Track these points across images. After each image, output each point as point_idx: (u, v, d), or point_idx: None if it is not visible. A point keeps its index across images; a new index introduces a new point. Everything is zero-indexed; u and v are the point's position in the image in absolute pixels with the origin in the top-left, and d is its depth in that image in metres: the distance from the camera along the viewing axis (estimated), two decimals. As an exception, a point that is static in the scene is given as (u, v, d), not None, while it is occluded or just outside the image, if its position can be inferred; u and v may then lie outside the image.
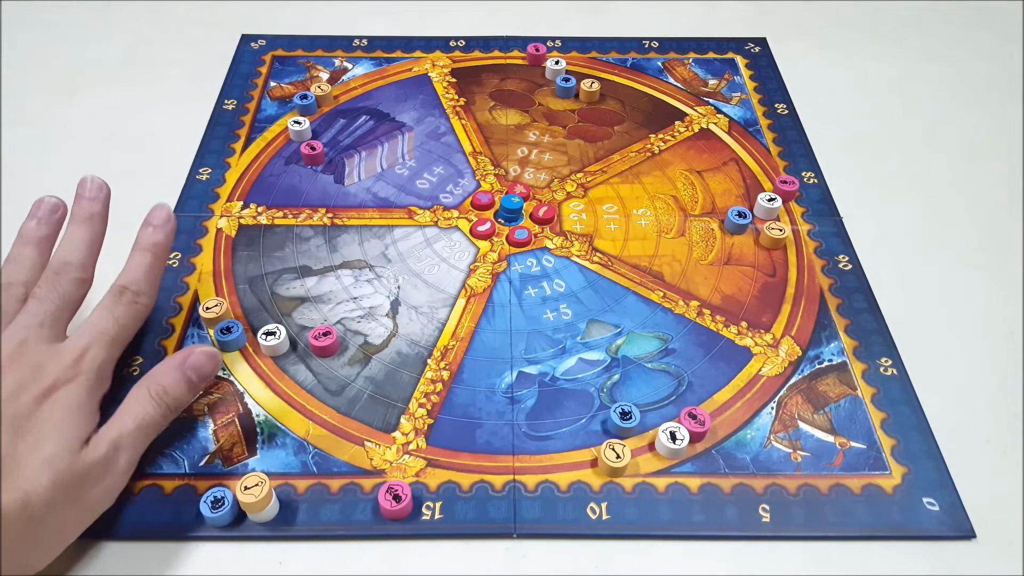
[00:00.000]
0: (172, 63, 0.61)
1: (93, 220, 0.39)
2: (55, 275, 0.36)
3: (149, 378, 0.35)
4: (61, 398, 0.32)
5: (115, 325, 0.36)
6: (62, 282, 0.36)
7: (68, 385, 0.33)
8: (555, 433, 0.39)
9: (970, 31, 0.65)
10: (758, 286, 0.46)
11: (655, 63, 0.61)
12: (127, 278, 0.37)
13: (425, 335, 0.43)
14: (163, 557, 0.34)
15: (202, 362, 0.36)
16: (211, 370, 0.37)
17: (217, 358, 0.37)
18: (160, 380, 0.35)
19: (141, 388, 0.35)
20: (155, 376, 0.35)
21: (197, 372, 0.36)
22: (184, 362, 0.36)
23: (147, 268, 0.38)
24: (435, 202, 0.50)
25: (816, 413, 0.40)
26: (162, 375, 0.35)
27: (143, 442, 0.34)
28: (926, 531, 0.35)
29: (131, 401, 0.34)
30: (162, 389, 0.35)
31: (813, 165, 0.53)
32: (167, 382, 0.35)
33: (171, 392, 0.35)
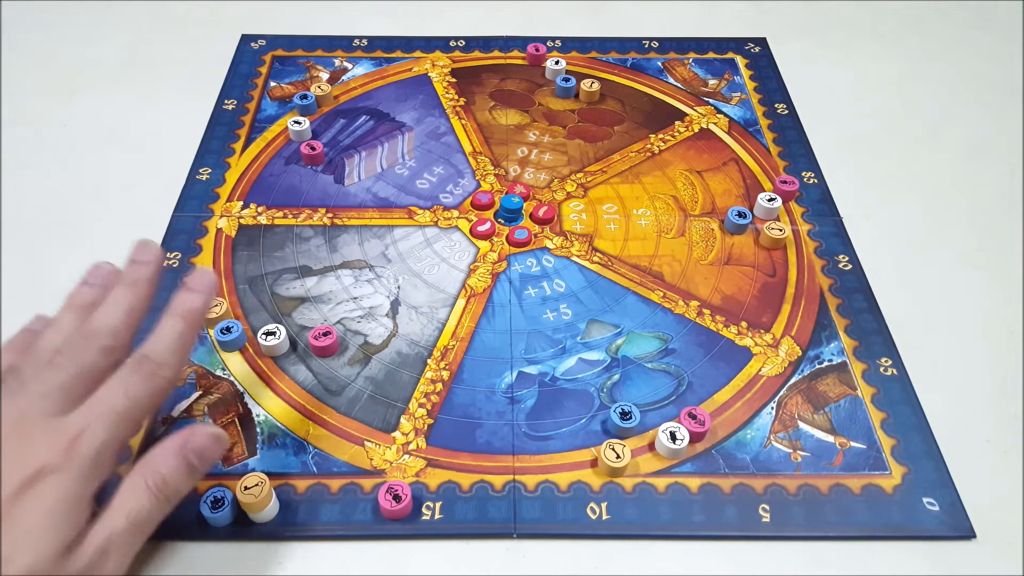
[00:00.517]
0: (172, 63, 0.61)
1: (138, 285, 0.33)
2: (81, 340, 0.32)
3: (145, 465, 0.31)
4: (45, 492, 0.28)
5: (125, 400, 0.30)
6: (86, 349, 0.31)
7: (55, 475, 0.28)
8: (555, 433, 0.39)
9: (970, 31, 0.65)
10: (758, 286, 0.46)
11: (655, 63, 0.61)
12: (151, 346, 0.32)
13: (425, 335, 0.43)
14: (163, 557, 0.34)
15: (206, 445, 0.32)
16: (216, 454, 0.32)
17: (223, 441, 0.33)
18: (158, 468, 0.30)
19: (136, 478, 0.30)
20: (152, 463, 0.31)
21: (200, 457, 0.32)
22: (185, 445, 0.31)
23: (176, 337, 0.32)
24: (435, 202, 0.50)
25: (816, 413, 0.40)
26: (160, 462, 0.31)
27: (137, 541, 0.30)
28: (926, 531, 0.35)
29: (124, 493, 0.30)
30: (160, 479, 0.30)
31: (813, 165, 0.53)
32: (166, 470, 0.30)
33: (170, 482, 0.30)
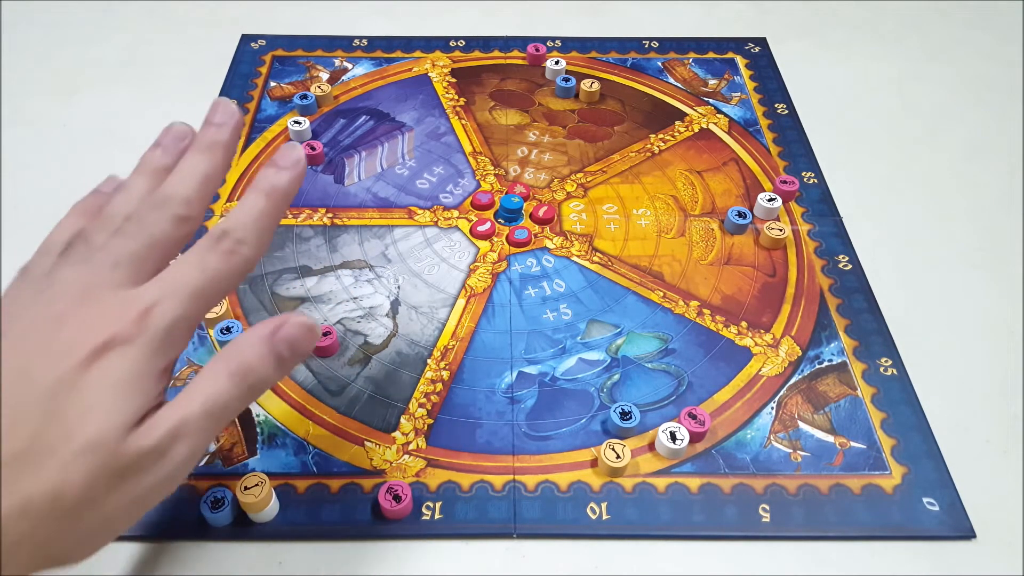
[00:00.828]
0: (172, 63, 0.61)
1: (214, 150, 0.31)
2: (152, 209, 0.29)
3: (229, 351, 0.28)
4: (114, 363, 0.25)
5: (202, 276, 0.27)
6: (158, 218, 0.28)
7: (124, 347, 0.25)
8: (555, 433, 0.39)
9: (970, 31, 0.65)
10: (758, 286, 0.46)
11: (655, 63, 0.61)
12: (231, 221, 0.29)
13: (425, 335, 0.43)
14: (163, 557, 0.34)
15: (297, 336, 0.28)
16: (308, 346, 0.29)
17: (316, 332, 0.29)
18: (243, 355, 0.27)
19: (218, 363, 0.27)
20: (237, 349, 0.28)
21: (291, 347, 0.28)
22: (275, 333, 0.28)
23: (259, 214, 0.29)
24: (435, 202, 0.50)
25: (816, 413, 0.40)
26: (246, 349, 0.27)
27: (212, 431, 0.27)
28: (926, 531, 0.35)
29: (203, 378, 0.27)
30: (244, 366, 0.27)
31: (813, 165, 0.53)
32: (251, 358, 0.27)
33: (255, 371, 0.27)
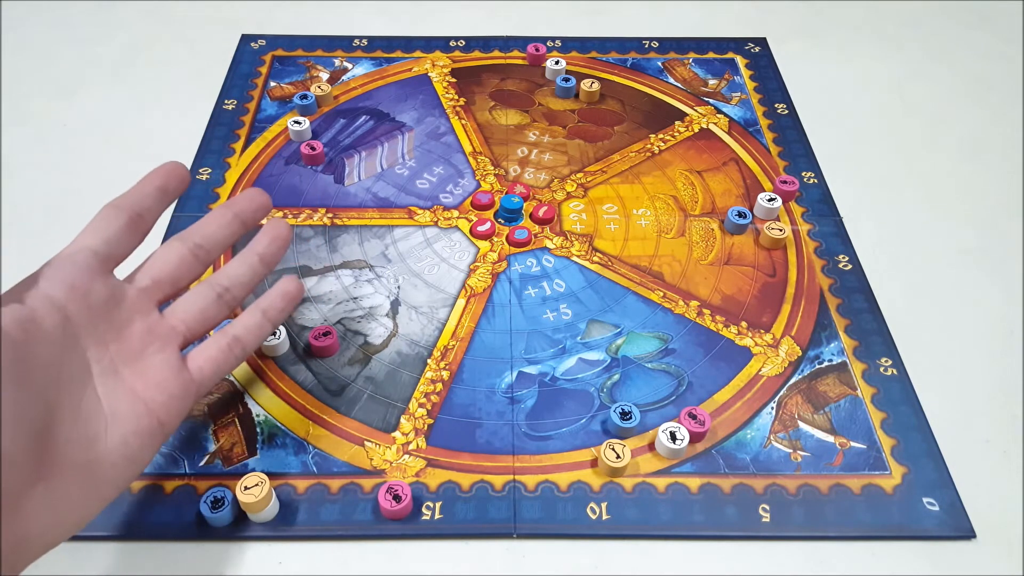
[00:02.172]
0: (172, 63, 0.61)
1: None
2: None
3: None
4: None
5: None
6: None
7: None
8: (555, 433, 0.39)
9: (970, 31, 0.65)
10: (758, 286, 0.46)
11: (655, 63, 0.61)
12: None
13: (425, 335, 0.43)
14: (163, 557, 0.34)
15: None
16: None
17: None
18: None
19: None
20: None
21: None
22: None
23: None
24: (435, 202, 0.50)
25: (816, 413, 0.40)
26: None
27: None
28: (926, 531, 0.35)
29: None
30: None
31: (813, 165, 0.53)
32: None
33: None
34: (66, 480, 0.26)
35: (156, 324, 0.31)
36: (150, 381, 0.30)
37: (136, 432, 0.28)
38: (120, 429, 0.28)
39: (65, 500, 0.26)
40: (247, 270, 0.35)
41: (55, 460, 0.26)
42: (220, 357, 0.33)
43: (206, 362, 0.32)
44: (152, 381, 0.30)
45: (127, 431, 0.28)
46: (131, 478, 0.29)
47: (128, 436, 0.28)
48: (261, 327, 0.35)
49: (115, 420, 0.28)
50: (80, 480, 0.27)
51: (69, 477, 0.26)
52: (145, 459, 0.29)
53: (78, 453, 0.26)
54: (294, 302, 0.36)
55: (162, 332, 0.31)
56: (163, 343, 0.31)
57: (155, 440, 0.29)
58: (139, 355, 0.30)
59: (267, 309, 0.35)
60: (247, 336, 0.34)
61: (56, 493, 0.26)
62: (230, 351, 0.33)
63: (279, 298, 0.36)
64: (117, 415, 0.28)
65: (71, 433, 0.26)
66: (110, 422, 0.28)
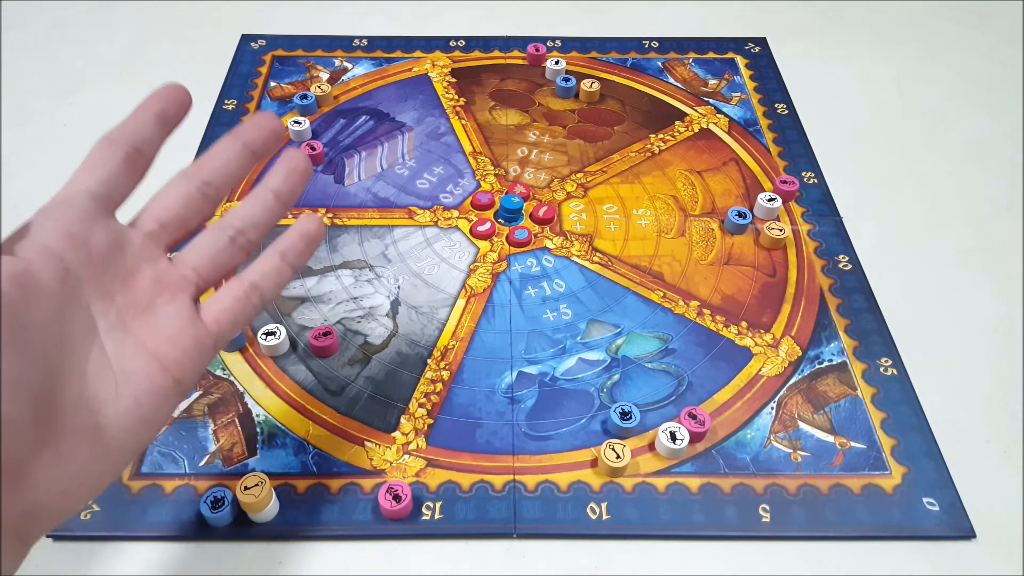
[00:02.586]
0: (172, 63, 0.61)
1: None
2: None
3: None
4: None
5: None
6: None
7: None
8: (555, 433, 0.39)
9: (970, 31, 0.65)
10: (758, 286, 0.46)
11: (655, 63, 0.61)
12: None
13: (425, 335, 0.43)
14: (163, 557, 0.34)
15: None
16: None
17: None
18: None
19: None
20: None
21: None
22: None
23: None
24: (435, 202, 0.50)
25: (816, 413, 0.40)
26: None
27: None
28: (926, 531, 0.35)
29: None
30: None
31: (813, 165, 0.53)
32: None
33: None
34: (75, 446, 0.24)
35: (165, 272, 0.28)
36: (162, 335, 0.27)
37: (149, 392, 0.26)
38: (132, 389, 0.26)
39: (75, 467, 0.24)
40: (262, 209, 0.31)
41: (62, 425, 0.24)
42: (237, 307, 0.29)
43: (222, 312, 0.29)
44: (164, 335, 0.27)
45: (139, 391, 0.26)
46: (147, 441, 0.27)
47: (141, 396, 0.26)
48: (280, 272, 0.31)
49: (126, 380, 0.26)
50: (90, 445, 0.25)
51: (78, 443, 0.24)
52: (160, 421, 0.27)
53: (86, 417, 0.24)
54: (315, 242, 0.32)
55: (172, 281, 0.28)
56: (174, 293, 0.28)
57: (171, 400, 0.27)
58: (148, 307, 0.27)
59: (286, 251, 0.31)
60: (265, 282, 0.30)
61: (65, 460, 0.24)
62: (247, 299, 0.30)
63: (299, 239, 0.31)
64: (128, 374, 0.26)
65: (78, 396, 0.24)
66: (120, 382, 0.25)
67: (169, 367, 0.27)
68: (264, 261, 0.31)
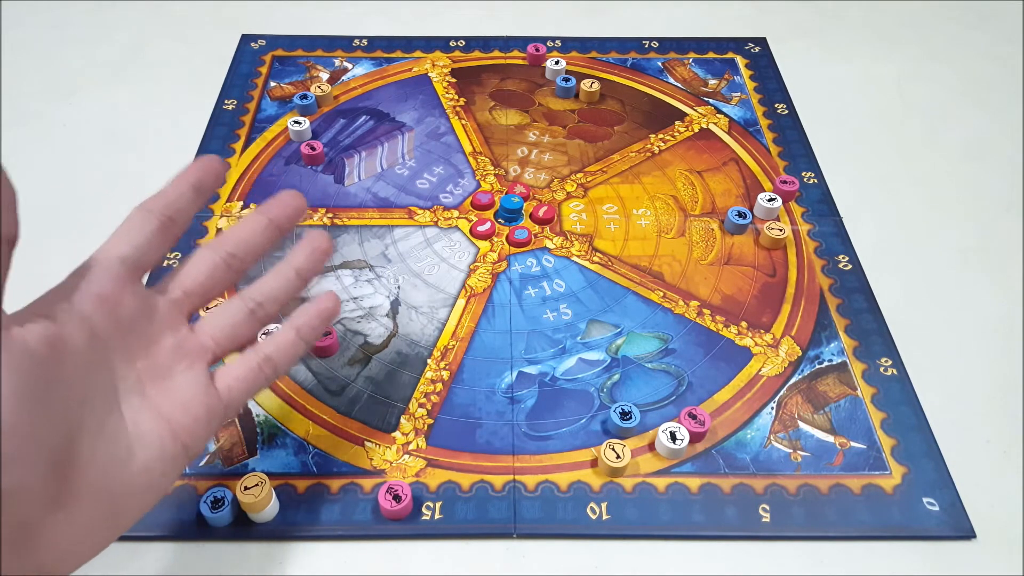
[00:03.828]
0: (172, 63, 0.61)
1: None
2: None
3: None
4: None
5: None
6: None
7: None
8: (555, 433, 0.39)
9: (970, 31, 0.65)
10: (758, 286, 0.46)
11: (655, 63, 0.61)
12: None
13: (425, 335, 0.43)
14: (163, 557, 0.34)
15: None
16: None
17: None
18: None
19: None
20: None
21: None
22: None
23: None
24: (435, 202, 0.50)
25: (816, 413, 0.40)
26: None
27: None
28: (926, 531, 0.35)
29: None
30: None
31: (813, 165, 0.53)
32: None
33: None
34: (86, 509, 0.24)
35: (186, 340, 0.29)
36: (176, 401, 0.28)
37: (160, 457, 0.26)
38: (144, 453, 0.26)
39: (84, 528, 0.25)
40: (283, 284, 0.32)
41: (76, 486, 0.24)
42: (250, 377, 0.30)
43: (235, 382, 0.30)
44: (178, 401, 0.28)
45: (151, 456, 0.26)
46: (150, 505, 0.27)
47: (151, 461, 0.26)
48: (295, 346, 0.32)
49: (139, 443, 0.26)
50: (101, 508, 0.25)
51: (89, 505, 0.24)
52: (166, 487, 0.27)
53: (99, 480, 0.25)
54: (330, 320, 0.33)
55: (192, 348, 0.29)
56: (192, 360, 0.29)
57: (178, 465, 0.27)
58: (167, 373, 0.28)
59: (301, 327, 0.32)
60: (279, 355, 0.31)
61: (75, 522, 0.24)
62: (260, 371, 0.30)
63: (315, 316, 0.33)
64: (141, 438, 0.26)
65: (93, 458, 0.24)
66: (134, 446, 0.26)
67: (179, 433, 0.27)
68: (281, 336, 0.32)
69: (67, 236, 0.48)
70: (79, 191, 0.51)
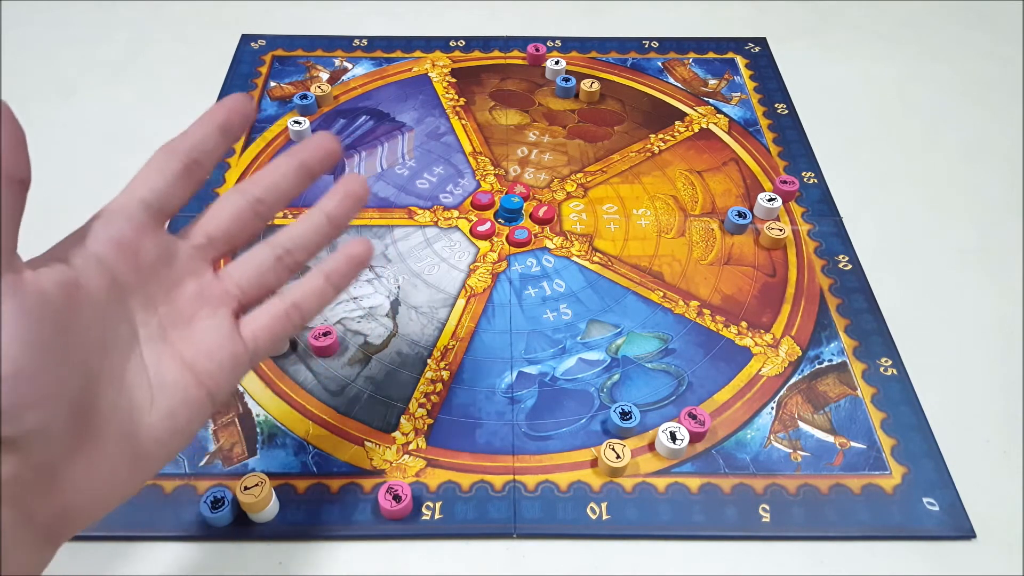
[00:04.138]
0: (172, 63, 0.61)
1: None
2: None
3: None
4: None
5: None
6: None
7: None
8: (555, 433, 0.39)
9: (970, 31, 0.65)
10: (758, 286, 0.46)
11: (655, 63, 0.61)
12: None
13: (425, 335, 0.43)
14: (163, 557, 0.34)
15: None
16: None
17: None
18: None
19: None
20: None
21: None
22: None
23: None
24: (435, 202, 0.50)
25: (816, 413, 0.40)
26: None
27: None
28: (926, 531, 0.35)
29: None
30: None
31: (813, 165, 0.53)
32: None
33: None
34: (109, 453, 0.24)
35: (209, 286, 0.28)
36: (200, 348, 0.27)
37: (184, 403, 0.26)
38: (167, 400, 0.26)
39: (108, 473, 0.25)
40: (313, 231, 0.31)
41: (97, 431, 0.24)
42: (277, 325, 0.29)
43: (261, 330, 0.29)
44: (202, 348, 0.27)
45: (174, 403, 0.26)
46: (176, 451, 0.27)
47: (175, 408, 0.26)
48: (323, 293, 0.30)
49: (162, 390, 0.26)
50: (124, 453, 0.25)
51: (112, 450, 0.24)
52: (192, 432, 0.27)
53: (121, 425, 0.25)
54: (361, 265, 0.32)
55: (215, 295, 0.28)
56: (215, 307, 0.28)
57: (203, 412, 0.27)
58: (189, 319, 0.27)
59: (331, 273, 0.31)
60: (307, 302, 0.30)
61: (98, 466, 0.24)
62: (287, 319, 0.29)
63: (345, 261, 0.31)
64: (164, 385, 0.26)
65: (114, 403, 0.24)
66: (156, 392, 0.26)
67: (204, 380, 0.27)
68: (308, 281, 0.31)
69: (67, 236, 0.48)
70: (79, 191, 0.51)
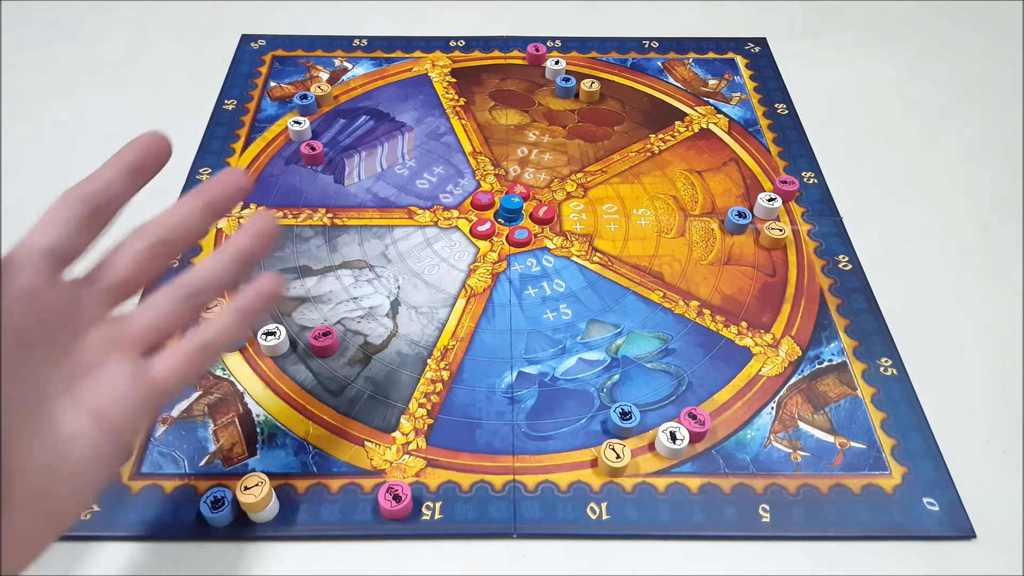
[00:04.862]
0: (172, 63, 0.61)
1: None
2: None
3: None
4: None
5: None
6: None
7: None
8: (555, 433, 0.39)
9: (970, 31, 0.65)
10: (758, 286, 0.46)
11: (655, 63, 0.61)
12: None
13: (425, 335, 0.43)
14: (163, 557, 0.34)
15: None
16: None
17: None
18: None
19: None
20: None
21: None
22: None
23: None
24: (435, 202, 0.50)
25: (816, 413, 0.40)
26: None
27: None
28: (926, 531, 0.35)
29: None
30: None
31: (813, 165, 0.53)
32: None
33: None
34: (20, 515, 0.23)
35: (114, 331, 0.27)
36: (108, 396, 0.26)
37: (95, 457, 0.26)
38: (78, 454, 0.25)
39: (23, 533, 0.24)
40: (221, 270, 0.30)
41: (11, 494, 0.23)
42: (187, 365, 0.29)
43: (171, 370, 0.28)
44: (110, 396, 0.26)
45: (85, 456, 0.25)
46: (88, 505, 0.26)
47: (87, 461, 0.25)
48: (232, 331, 0.30)
49: (72, 444, 0.25)
50: (35, 513, 0.24)
51: (23, 511, 0.24)
52: (102, 484, 0.26)
53: (35, 485, 0.24)
54: (272, 301, 0.31)
55: (121, 340, 0.27)
56: (122, 352, 0.27)
57: (115, 463, 0.27)
58: (96, 367, 0.27)
59: (241, 309, 0.30)
60: (217, 341, 0.30)
61: (13, 527, 0.23)
62: (199, 357, 0.29)
63: (255, 298, 0.31)
64: (72, 440, 0.25)
65: (24, 463, 0.24)
66: (67, 447, 0.25)
67: (114, 428, 0.26)
68: (219, 319, 0.30)
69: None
70: (79, 191, 0.51)
